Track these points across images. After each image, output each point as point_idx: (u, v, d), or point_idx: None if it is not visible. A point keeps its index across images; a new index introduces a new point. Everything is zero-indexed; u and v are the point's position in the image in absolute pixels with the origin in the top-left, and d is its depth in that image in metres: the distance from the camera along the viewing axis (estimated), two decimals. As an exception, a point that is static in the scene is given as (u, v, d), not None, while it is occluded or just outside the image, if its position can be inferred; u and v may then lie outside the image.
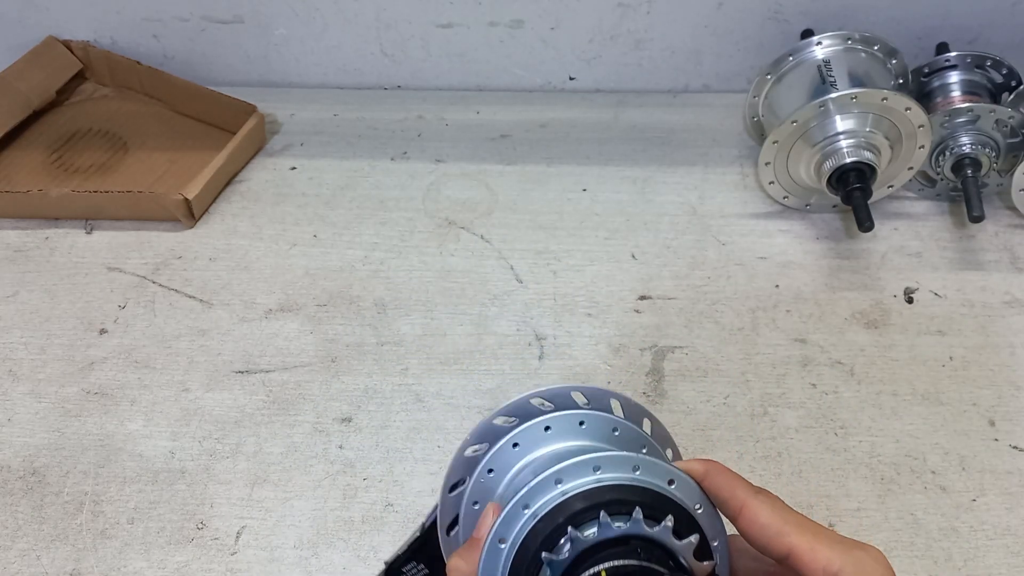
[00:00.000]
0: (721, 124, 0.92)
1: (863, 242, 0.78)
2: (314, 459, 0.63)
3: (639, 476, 0.41)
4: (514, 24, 0.93)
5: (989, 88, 0.80)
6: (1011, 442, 0.63)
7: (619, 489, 0.41)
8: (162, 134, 0.93)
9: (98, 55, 0.97)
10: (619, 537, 0.39)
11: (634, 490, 0.40)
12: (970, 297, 0.73)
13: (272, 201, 0.85)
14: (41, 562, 0.58)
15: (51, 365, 0.70)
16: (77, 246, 0.81)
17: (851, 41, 0.79)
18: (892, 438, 0.64)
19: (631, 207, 0.83)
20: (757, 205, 0.83)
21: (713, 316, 0.73)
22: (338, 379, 0.69)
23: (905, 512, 0.59)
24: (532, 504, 0.41)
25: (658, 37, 0.93)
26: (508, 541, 0.40)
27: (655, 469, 0.41)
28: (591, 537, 0.39)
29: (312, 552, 0.58)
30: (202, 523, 0.60)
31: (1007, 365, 0.68)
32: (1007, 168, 0.78)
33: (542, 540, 0.40)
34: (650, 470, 0.41)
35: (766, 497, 0.41)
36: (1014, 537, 0.58)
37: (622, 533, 0.39)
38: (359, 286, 0.76)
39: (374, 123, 0.95)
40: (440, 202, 0.84)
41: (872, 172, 0.73)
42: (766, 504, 0.40)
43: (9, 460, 0.64)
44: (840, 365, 0.69)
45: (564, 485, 0.41)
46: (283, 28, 0.95)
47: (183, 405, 0.67)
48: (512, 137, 0.92)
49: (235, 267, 0.78)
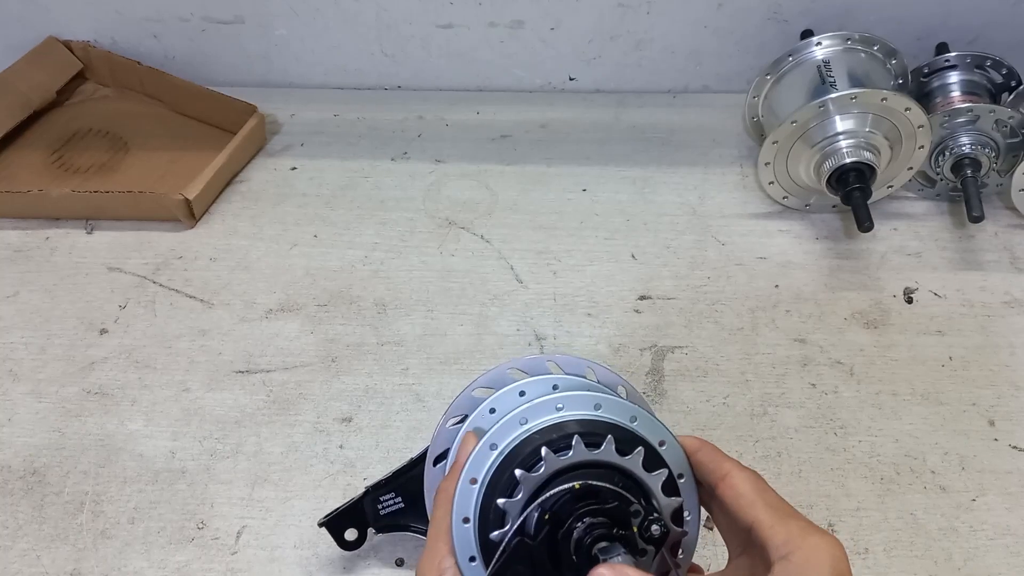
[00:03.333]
0: (721, 124, 0.92)
1: (863, 242, 0.78)
2: (314, 459, 0.63)
3: (602, 414, 0.44)
4: (514, 24, 0.93)
5: (989, 88, 0.80)
6: (1011, 442, 0.63)
7: (588, 423, 0.44)
8: (163, 134, 0.93)
9: (98, 55, 0.97)
10: (592, 462, 0.42)
11: (605, 425, 0.43)
12: (970, 297, 0.73)
13: (272, 201, 0.85)
14: (41, 562, 0.58)
15: (51, 365, 0.71)
16: (78, 246, 0.81)
17: (851, 41, 0.79)
18: (892, 438, 0.64)
19: (631, 207, 0.83)
20: (757, 205, 0.83)
21: (713, 316, 0.73)
22: (338, 379, 0.69)
23: (905, 512, 0.59)
24: (499, 443, 0.44)
25: (658, 37, 0.93)
26: (479, 478, 0.43)
27: (619, 408, 0.44)
28: (565, 459, 0.42)
29: (312, 552, 0.58)
30: (202, 523, 0.60)
31: (1007, 365, 0.68)
32: (1007, 168, 0.78)
33: (518, 462, 0.42)
34: (613, 409, 0.44)
35: (751, 473, 0.43)
36: (1014, 537, 0.58)
37: (595, 458, 0.42)
38: (359, 286, 0.76)
39: (374, 123, 0.95)
40: (440, 202, 0.85)
41: (872, 172, 0.73)
42: (749, 478, 0.43)
43: (9, 460, 0.64)
44: (840, 365, 0.69)
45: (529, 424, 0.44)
46: (283, 28, 0.95)
47: (183, 405, 0.67)
48: (512, 137, 0.92)
49: (236, 267, 0.78)
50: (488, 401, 0.47)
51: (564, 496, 0.41)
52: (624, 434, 0.43)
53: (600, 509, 0.40)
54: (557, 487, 0.41)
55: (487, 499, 0.43)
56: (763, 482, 0.43)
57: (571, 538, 0.40)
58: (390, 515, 0.55)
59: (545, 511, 0.41)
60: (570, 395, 0.44)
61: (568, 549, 0.40)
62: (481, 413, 0.47)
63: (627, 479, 0.42)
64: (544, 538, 0.40)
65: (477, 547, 0.43)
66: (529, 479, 0.41)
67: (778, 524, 0.40)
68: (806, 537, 0.39)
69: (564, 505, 0.41)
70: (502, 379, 0.50)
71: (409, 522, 0.55)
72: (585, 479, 0.41)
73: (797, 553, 0.39)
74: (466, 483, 0.43)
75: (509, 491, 0.42)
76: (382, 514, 0.55)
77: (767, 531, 0.40)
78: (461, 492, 0.43)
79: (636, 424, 0.44)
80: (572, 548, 0.40)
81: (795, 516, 0.41)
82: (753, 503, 0.42)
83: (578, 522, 0.40)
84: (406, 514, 0.55)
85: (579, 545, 0.40)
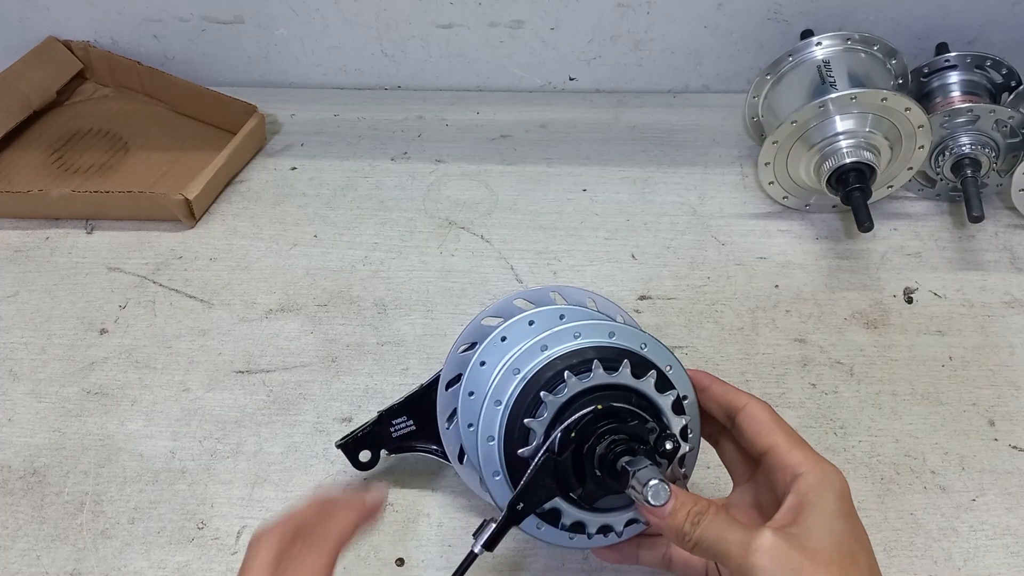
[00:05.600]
0: (721, 124, 0.92)
1: (863, 242, 0.78)
2: (314, 459, 0.63)
3: (616, 341, 0.48)
4: (514, 24, 0.93)
5: (989, 88, 0.80)
6: (1011, 442, 0.63)
7: (603, 349, 0.47)
8: (162, 134, 0.93)
9: (98, 55, 0.97)
10: (610, 384, 0.46)
11: (619, 351, 0.47)
12: (970, 297, 0.73)
13: (272, 201, 0.85)
14: (41, 562, 0.58)
15: (51, 365, 0.71)
16: (77, 246, 0.81)
17: (851, 41, 0.79)
18: (892, 438, 0.64)
19: (631, 207, 0.83)
20: (757, 205, 0.83)
21: (713, 316, 0.73)
22: (338, 379, 0.69)
23: (905, 512, 0.59)
24: (522, 369, 0.48)
25: (658, 37, 0.93)
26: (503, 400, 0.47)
27: (631, 336, 0.48)
28: (586, 382, 0.46)
29: (312, 552, 0.58)
30: (203, 523, 0.60)
31: (1007, 365, 0.68)
32: (1007, 168, 0.78)
33: (541, 384, 0.46)
34: (625, 337, 0.48)
35: (767, 404, 0.48)
36: (1014, 537, 0.58)
37: (613, 382, 0.46)
38: (359, 286, 0.76)
39: (374, 123, 0.95)
40: (440, 202, 0.85)
41: (872, 172, 0.73)
42: (766, 408, 0.47)
43: (9, 460, 0.64)
44: (840, 365, 0.69)
45: (550, 351, 0.48)
46: (283, 28, 0.95)
47: (183, 405, 0.67)
48: (512, 137, 0.92)
49: (235, 267, 0.78)
50: (499, 330, 0.50)
51: (587, 416, 0.45)
52: (637, 359, 0.47)
53: (620, 427, 0.45)
54: (580, 408, 0.45)
55: (511, 419, 0.47)
56: (777, 413, 0.47)
57: (595, 454, 0.45)
58: (401, 437, 0.59)
59: (570, 430, 0.45)
60: (586, 324, 0.48)
61: (592, 464, 0.45)
62: (493, 341, 0.50)
63: (642, 400, 0.47)
64: (569, 455, 0.45)
65: (501, 463, 0.47)
66: (553, 400, 0.45)
67: (795, 448, 0.45)
68: (819, 462, 0.44)
69: (587, 424, 0.45)
70: (509, 309, 0.53)
71: (419, 443, 0.59)
72: (605, 401, 0.45)
73: (811, 473, 0.43)
74: (491, 404, 0.47)
75: (533, 412, 0.46)
76: (394, 436, 0.59)
77: (785, 454, 0.45)
78: (486, 413, 0.47)
79: (646, 350, 0.48)
80: (596, 463, 0.45)
81: (807, 445, 0.46)
82: (772, 430, 0.46)
83: (601, 440, 0.45)
84: (416, 436, 0.59)
85: (603, 460, 0.44)
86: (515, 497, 0.45)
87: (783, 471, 0.44)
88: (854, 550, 0.42)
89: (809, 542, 0.41)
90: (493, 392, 0.47)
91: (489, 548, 0.46)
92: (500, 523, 0.46)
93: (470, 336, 0.53)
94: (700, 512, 0.43)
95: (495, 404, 0.47)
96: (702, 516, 0.43)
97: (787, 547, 0.40)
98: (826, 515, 0.42)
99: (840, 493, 0.43)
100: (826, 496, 0.43)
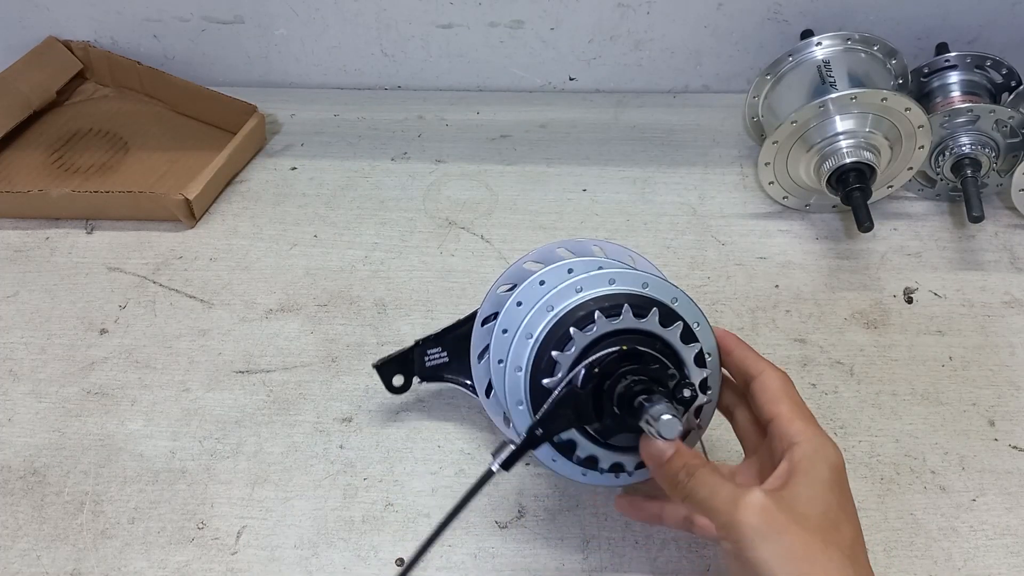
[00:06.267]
0: (721, 124, 0.92)
1: (863, 242, 0.78)
2: (314, 459, 0.63)
3: (649, 291, 0.50)
4: (514, 24, 0.93)
5: (989, 88, 0.80)
6: (1011, 442, 0.63)
7: (635, 297, 0.49)
8: (162, 134, 0.93)
9: (98, 55, 0.97)
10: (637, 329, 0.48)
11: (650, 300, 0.49)
12: (970, 297, 0.73)
13: (272, 201, 0.85)
14: (41, 562, 0.58)
15: (51, 365, 0.71)
16: (77, 246, 0.81)
17: (851, 41, 0.79)
18: (892, 438, 0.64)
19: (631, 207, 0.83)
20: (757, 205, 0.83)
21: (713, 316, 0.73)
22: (338, 379, 0.69)
23: (905, 512, 0.59)
24: (556, 306, 0.49)
25: (658, 37, 0.93)
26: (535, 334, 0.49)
27: (664, 289, 0.50)
28: (615, 324, 0.47)
29: (312, 552, 0.58)
30: (202, 523, 0.60)
31: (1007, 365, 0.68)
32: (1007, 168, 0.78)
33: (572, 322, 0.48)
34: (658, 289, 0.50)
35: (783, 374, 0.49)
36: (1014, 537, 0.58)
37: (639, 327, 0.48)
38: (359, 286, 0.76)
39: (374, 123, 0.95)
40: (440, 202, 0.85)
41: (872, 172, 0.73)
42: (780, 377, 0.48)
43: (9, 460, 0.64)
44: (840, 365, 0.69)
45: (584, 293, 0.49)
46: (283, 28, 0.95)
47: (184, 405, 0.67)
48: (512, 137, 0.92)
49: (235, 267, 0.78)
50: (538, 274, 0.52)
51: (612, 355, 0.47)
52: (666, 310, 0.49)
53: (642, 369, 0.46)
54: (606, 347, 0.47)
55: (540, 352, 0.49)
56: (792, 385, 0.48)
57: (615, 391, 0.46)
58: (434, 367, 0.62)
59: (594, 365, 0.47)
60: (621, 271, 0.50)
61: (611, 400, 0.46)
62: (531, 284, 0.52)
63: (666, 347, 0.49)
64: (591, 389, 0.47)
65: (526, 393, 0.49)
66: (582, 337, 0.47)
67: (798, 420, 0.46)
68: (818, 435, 0.45)
69: (611, 363, 0.47)
70: (551, 255, 0.55)
71: (450, 374, 0.62)
72: (631, 343, 0.47)
73: (807, 443, 0.44)
74: (522, 338, 0.49)
75: (561, 346, 0.48)
76: (427, 366, 0.62)
77: (786, 423, 0.46)
78: (516, 346, 0.49)
79: (676, 304, 0.50)
80: (615, 400, 0.46)
81: (813, 420, 0.46)
82: (779, 399, 0.47)
83: (622, 378, 0.46)
84: (449, 367, 0.62)
85: (622, 398, 0.46)
86: (535, 423, 0.47)
87: (781, 439, 0.45)
88: (839, 519, 0.42)
89: (797, 506, 0.42)
90: (525, 326, 0.49)
91: (506, 468, 0.47)
92: (519, 446, 0.47)
93: (511, 277, 0.55)
94: (697, 465, 0.44)
95: (526, 338, 0.49)
96: (697, 469, 0.44)
97: (774, 508, 0.41)
98: (816, 483, 0.43)
99: (833, 465, 0.44)
100: (819, 466, 0.43)
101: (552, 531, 0.58)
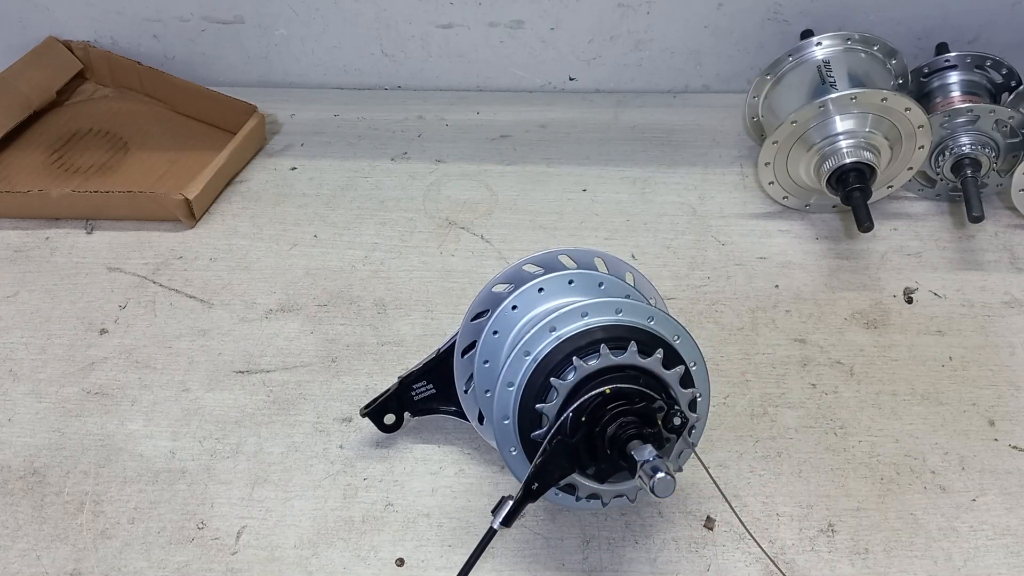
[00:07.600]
0: (721, 124, 0.92)
1: (863, 242, 0.78)
2: (314, 459, 0.63)
3: (623, 318, 0.49)
4: (514, 24, 0.93)
5: (989, 88, 0.80)
6: (1011, 442, 0.63)
7: (611, 328, 0.49)
8: (162, 134, 0.93)
9: (98, 55, 0.97)
10: (618, 366, 0.48)
11: (626, 328, 0.49)
12: (970, 297, 0.73)
13: (272, 201, 0.85)
14: (41, 562, 0.58)
15: (51, 365, 0.70)
16: (77, 246, 0.81)
17: (851, 41, 0.79)
18: (892, 438, 0.64)
19: (631, 207, 0.83)
20: (757, 205, 0.83)
21: (713, 316, 0.73)
22: (338, 379, 0.69)
23: (905, 512, 0.59)
24: (532, 351, 0.49)
25: (658, 37, 0.93)
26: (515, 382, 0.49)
27: (638, 311, 0.50)
28: (594, 365, 0.47)
29: (312, 552, 0.58)
30: (202, 523, 0.60)
31: (1007, 365, 0.68)
32: (1007, 168, 0.78)
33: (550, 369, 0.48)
34: (632, 312, 0.50)
35: None
36: (1014, 537, 0.58)
37: (620, 363, 0.48)
38: (359, 286, 0.76)
39: (374, 123, 0.95)
40: (440, 202, 0.85)
41: (872, 172, 0.73)
42: None
43: (9, 460, 0.64)
44: (840, 365, 0.69)
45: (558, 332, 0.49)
46: (283, 28, 0.95)
47: (183, 405, 0.67)
48: (512, 137, 0.92)
49: (235, 267, 0.78)
50: (510, 299, 0.52)
51: (596, 400, 0.47)
52: (644, 336, 0.49)
53: (629, 409, 0.46)
54: (589, 392, 0.47)
55: (524, 401, 0.49)
56: None
57: (606, 435, 0.46)
58: (423, 400, 0.62)
59: (580, 413, 0.47)
60: (593, 303, 0.50)
61: (603, 443, 0.47)
62: (504, 311, 0.52)
63: (650, 378, 0.48)
64: (581, 437, 0.47)
65: (517, 441, 0.49)
66: (562, 386, 0.47)
67: None
68: None
69: (597, 408, 0.47)
70: (519, 276, 0.55)
71: (440, 405, 0.62)
72: (614, 383, 0.47)
73: None
74: (504, 387, 0.49)
75: (544, 396, 0.48)
76: (415, 400, 0.62)
77: None
78: (500, 394, 0.49)
79: (653, 323, 0.50)
80: (607, 443, 0.46)
81: None
82: None
83: (611, 422, 0.46)
84: (437, 398, 0.62)
85: (613, 441, 0.46)
86: (530, 477, 0.47)
87: None
88: None
89: None
90: (505, 374, 0.49)
91: (507, 524, 0.47)
92: (516, 501, 0.47)
93: (481, 304, 0.55)
94: None
95: (507, 386, 0.49)
96: None
97: None
98: None
99: None
100: None
101: (552, 531, 0.58)
